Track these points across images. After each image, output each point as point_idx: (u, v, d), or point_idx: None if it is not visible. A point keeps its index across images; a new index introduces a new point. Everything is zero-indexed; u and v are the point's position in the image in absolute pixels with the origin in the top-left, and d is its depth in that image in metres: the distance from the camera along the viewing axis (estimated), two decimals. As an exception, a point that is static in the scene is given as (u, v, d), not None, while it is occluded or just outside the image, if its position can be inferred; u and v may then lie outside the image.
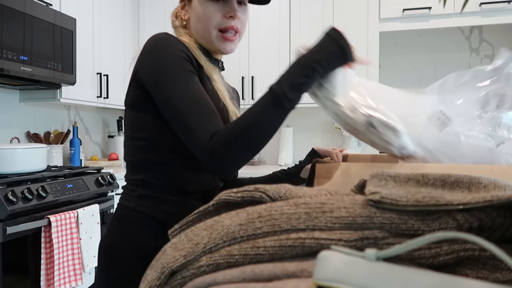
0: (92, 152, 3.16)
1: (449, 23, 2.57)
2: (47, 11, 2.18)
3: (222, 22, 0.95)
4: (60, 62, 2.27)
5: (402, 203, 0.37)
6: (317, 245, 0.39)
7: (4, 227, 1.62)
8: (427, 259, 0.35)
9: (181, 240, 0.47)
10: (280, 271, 0.40)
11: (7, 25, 1.92)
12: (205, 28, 0.96)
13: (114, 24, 2.89)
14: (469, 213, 0.35)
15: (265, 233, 0.42)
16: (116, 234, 0.93)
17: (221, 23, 0.95)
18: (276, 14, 2.87)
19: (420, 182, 0.41)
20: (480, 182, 0.38)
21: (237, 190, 0.49)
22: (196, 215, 0.52)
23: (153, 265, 0.48)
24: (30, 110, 2.57)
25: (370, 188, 0.41)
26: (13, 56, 1.95)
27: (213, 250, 0.44)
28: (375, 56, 2.68)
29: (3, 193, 1.64)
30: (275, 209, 0.43)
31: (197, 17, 0.96)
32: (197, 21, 0.97)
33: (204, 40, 0.98)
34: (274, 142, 3.18)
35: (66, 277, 1.80)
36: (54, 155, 2.58)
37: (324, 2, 2.78)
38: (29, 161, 1.99)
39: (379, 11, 2.68)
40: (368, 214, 0.39)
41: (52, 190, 1.87)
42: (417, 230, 0.37)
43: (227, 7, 0.95)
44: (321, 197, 0.45)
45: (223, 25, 0.95)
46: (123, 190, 0.99)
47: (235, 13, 0.95)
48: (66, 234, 1.82)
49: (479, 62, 2.83)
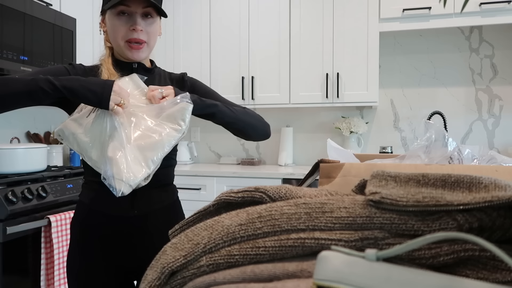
0: (92, 152, 3.16)
1: (449, 23, 2.57)
2: (47, 11, 2.18)
3: (127, 34, 1.11)
4: (60, 62, 2.27)
5: (402, 203, 0.37)
6: (317, 245, 0.39)
7: (4, 227, 1.62)
8: (427, 259, 0.35)
9: (181, 240, 0.47)
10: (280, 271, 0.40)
11: (7, 25, 1.92)
12: (114, 40, 1.13)
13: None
14: (469, 214, 0.35)
15: (265, 233, 0.42)
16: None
17: (126, 35, 1.11)
18: (276, 14, 2.87)
19: (421, 182, 0.41)
20: (480, 182, 0.38)
21: (238, 190, 0.49)
22: (197, 215, 0.52)
23: (153, 265, 0.48)
24: (30, 110, 2.57)
25: (370, 188, 0.41)
26: (13, 56, 1.95)
27: (213, 250, 0.44)
28: (375, 56, 2.68)
29: (3, 193, 1.64)
30: (275, 209, 0.43)
31: (109, 30, 1.15)
32: (109, 33, 1.15)
33: (116, 49, 1.16)
34: (274, 142, 3.18)
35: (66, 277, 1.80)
36: (54, 155, 2.58)
37: (324, 2, 2.78)
38: (29, 161, 1.99)
39: (379, 11, 2.68)
40: (368, 214, 0.39)
41: (52, 190, 1.87)
42: (417, 230, 0.37)
43: (130, 21, 1.11)
44: (321, 197, 0.44)
45: (128, 36, 1.11)
46: None
47: (136, 27, 1.11)
48: (66, 234, 1.82)
49: (479, 62, 2.84)
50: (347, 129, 2.88)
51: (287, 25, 2.85)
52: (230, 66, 2.97)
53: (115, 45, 1.15)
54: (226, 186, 2.68)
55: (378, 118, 3.03)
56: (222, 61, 2.99)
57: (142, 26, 1.12)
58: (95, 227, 1.14)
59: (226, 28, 2.96)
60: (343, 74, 2.75)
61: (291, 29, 2.85)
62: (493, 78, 2.82)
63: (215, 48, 3.00)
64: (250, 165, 3.05)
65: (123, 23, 1.11)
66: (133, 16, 1.11)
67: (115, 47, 1.16)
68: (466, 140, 2.86)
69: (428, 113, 2.91)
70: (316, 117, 3.13)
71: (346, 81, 2.74)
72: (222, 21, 2.98)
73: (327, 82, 2.76)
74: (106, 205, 1.13)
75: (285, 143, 3.06)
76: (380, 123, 3.02)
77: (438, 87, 2.91)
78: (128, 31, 1.11)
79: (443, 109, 2.90)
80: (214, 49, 3.00)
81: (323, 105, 2.79)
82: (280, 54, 2.86)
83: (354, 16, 2.72)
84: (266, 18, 2.89)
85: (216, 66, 3.00)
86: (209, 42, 3.00)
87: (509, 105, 2.80)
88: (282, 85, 2.86)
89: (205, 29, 3.01)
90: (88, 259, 1.14)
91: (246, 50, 2.93)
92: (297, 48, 2.84)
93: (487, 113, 2.83)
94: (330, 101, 2.77)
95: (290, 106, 2.86)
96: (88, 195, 1.17)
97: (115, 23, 1.11)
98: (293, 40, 2.85)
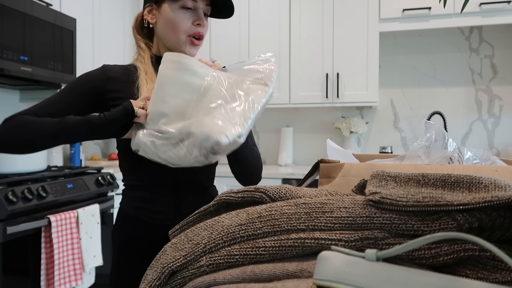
0: (92, 152, 3.16)
1: (449, 23, 2.57)
2: (47, 11, 2.18)
3: (191, 29, 1.07)
4: (60, 62, 2.27)
5: (402, 203, 0.37)
6: (317, 245, 0.39)
7: (4, 227, 1.61)
8: (427, 259, 0.35)
9: (181, 240, 0.47)
10: (280, 271, 0.40)
11: (7, 25, 1.92)
12: (174, 33, 1.07)
13: (114, 24, 2.89)
14: (469, 214, 0.35)
15: (265, 233, 0.42)
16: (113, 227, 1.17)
17: (190, 29, 1.07)
18: (276, 14, 2.87)
19: (421, 182, 0.41)
20: (480, 182, 0.38)
21: (238, 190, 0.49)
22: (197, 215, 0.52)
23: (153, 265, 0.48)
24: (30, 110, 2.57)
25: (370, 188, 0.41)
26: (13, 56, 1.95)
27: (213, 250, 0.44)
28: (375, 56, 2.68)
29: (3, 193, 1.64)
30: (275, 209, 0.43)
31: (167, 22, 1.07)
32: (166, 25, 1.08)
33: (170, 43, 1.09)
34: (274, 142, 3.18)
35: (66, 277, 1.80)
36: (54, 155, 2.58)
37: (324, 2, 2.78)
38: (29, 161, 1.99)
39: (379, 11, 2.68)
40: (368, 214, 0.39)
41: (52, 190, 1.87)
42: (417, 230, 0.37)
43: (195, 15, 1.07)
44: (321, 197, 0.44)
45: (192, 31, 1.07)
46: None
47: (203, 21, 1.08)
48: (66, 234, 1.82)
49: (479, 62, 2.84)
50: (347, 129, 2.88)
51: (287, 25, 2.85)
52: (230, 66, 2.97)
53: (171, 38, 1.08)
54: (226, 186, 2.67)
55: (378, 118, 3.03)
56: (222, 61, 2.98)
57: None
58: (137, 238, 1.09)
59: (226, 28, 2.96)
60: (343, 74, 2.75)
61: (291, 29, 2.85)
62: (493, 78, 2.82)
63: (215, 48, 3.00)
64: (250, 165, 3.05)
65: (188, 17, 1.06)
66: (198, 11, 1.07)
67: (167, 41, 1.09)
68: (466, 140, 2.86)
69: (428, 113, 2.91)
70: (316, 117, 3.13)
71: (346, 81, 2.74)
72: (222, 20, 2.98)
73: (327, 82, 2.76)
74: (149, 213, 1.08)
75: (285, 143, 3.06)
76: (380, 123, 3.02)
77: (438, 87, 2.91)
78: (193, 26, 1.07)
79: (443, 109, 2.90)
80: (214, 49, 3.00)
81: (323, 105, 2.79)
82: (280, 54, 2.86)
83: (354, 16, 2.72)
84: (266, 18, 2.89)
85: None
86: (209, 42, 3.00)
87: (509, 105, 2.80)
88: (282, 85, 2.86)
89: (205, 29, 3.01)
90: (132, 271, 1.07)
91: (246, 50, 2.93)
92: (297, 48, 2.83)
93: (487, 113, 2.83)
94: (330, 101, 2.77)
95: (290, 106, 2.86)
96: (130, 203, 1.10)
97: (180, 16, 1.06)
98: (293, 40, 2.84)
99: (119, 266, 1.11)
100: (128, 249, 1.10)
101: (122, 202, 1.14)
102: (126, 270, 1.09)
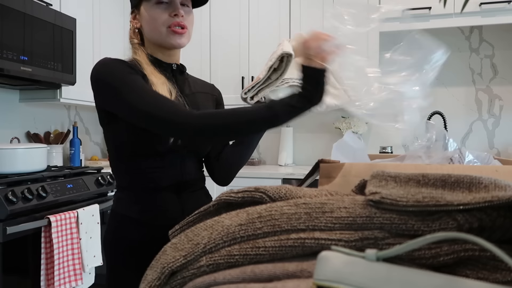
0: (92, 152, 3.16)
1: (449, 23, 2.57)
2: (47, 11, 2.18)
3: (169, 20, 1.08)
4: (60, 62, 2.27)
5: (402, 203, 0.37)
6: (317, 245, 0.39)
7: (4, 227, 1.61)
8: (427, 259, 0.35)
9: (181, 240, 0.47)
10: (280, 271, 0.40)
11: (7, 25, 1.92)
12: (155, 29, 1.09)
13: (114, 24, 2.89)
14: (469, 214, 0.35)
15: (265, 233, 0.42)
16: (106, 232, 1.14)
17: (168, 20, 1.08)
18: (276, 15, 2.87)
19: (421, 182, 0.41)
20: (480, 182, 0.38)
21: (238, 191, 0.49)
22: (197, 215, 0.52)
23: (153, 265, 0.48)
24: (30, 110, 2.57)
25: (370, 188, 0.41)
26: (13, 56, 1.95)
27: (213, 250, 0.44)
28: (375, 56, 2.68)
29: (3, 193, 1.64)
30: (275, 209, 0.43)
31: (147, 21, 1.10)
32: (147, 24, 1.10)
33: (155, 39, 1.11)
34: (274, 142, 3.18)
35: (66, 277, 1.80)
36: (54, 155, 2.58)
37: (324, 2, 2.78)
38: (29, 161, 1.99)
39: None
40: (368, 215, 0.39)
41: (52, 190, 1.87)
42: (417, 230, 0.37)
43: (170, 8, 1.09)
44: (321, 198, 0.44)
45: (170, 21, 1.08)
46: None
47: (178, 11, 1.08)
48: (66, 234, 1.82)
49: (479, 62, 2.83)
50: (347, 129, 2.88)
51: (287, 24, 2.85)
52: (230, 66, 2.97)
53: (155, 35, 1.10)
54: (226, 186, 2.67)
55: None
56: (222, 61, 2.99)
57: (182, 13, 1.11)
58: (138, 241, 1.07)
59: (226, 27, 2.96)
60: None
61: (291, 29, 2.85)
62: (493, 78, 2.82)
63: (215, 48, 3.00)
64: (250, 165, 3.05)
65: (163, 10, 1.08)
66: (173, 3, 1.09)
67: (154, 38, 1.11)
68: (466, 140, 2.85)
69: (428, 113, 2.91)
70: (316, 117, 3.13)
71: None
72: (222, 20, 2.98)
73: (327, 82, 2.75)
74: (153, 215, 1.07)
75: (285, 143, 3.06)
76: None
77: (438, 87, 2.91)
78: (170, 17, 1.08)
79: (443, 109, 2.90)
80: (214, 49, 3.00)
81: (323, 105, 2.79)
82: (280, 54, 2.86)
83: (354, 16, 2.72)
84: (266, 17, 2.89)
85: (216, 66, 3.00)
86: (209, 42, 3.00)
87: (509, 105, 2.80)
88: (282, 85, 2.86)
89: (205, 28, 3.01)
90: (131, 275, 1.04)
91: (246, 50, 2.93)
92: (297, 48, 2.83)
93: (487, 113, 2.83)
94: (330, 101, 2.77)
95: (290, 106, 2.86)
96: (131, 206, 1.09)
97: (155, 11, 1.08)
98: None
99: (117, 271, 1.09)
100: (127, 252, 1.08)
101: (118, 206, 1.11)
102: (125, 275, 1.07)
